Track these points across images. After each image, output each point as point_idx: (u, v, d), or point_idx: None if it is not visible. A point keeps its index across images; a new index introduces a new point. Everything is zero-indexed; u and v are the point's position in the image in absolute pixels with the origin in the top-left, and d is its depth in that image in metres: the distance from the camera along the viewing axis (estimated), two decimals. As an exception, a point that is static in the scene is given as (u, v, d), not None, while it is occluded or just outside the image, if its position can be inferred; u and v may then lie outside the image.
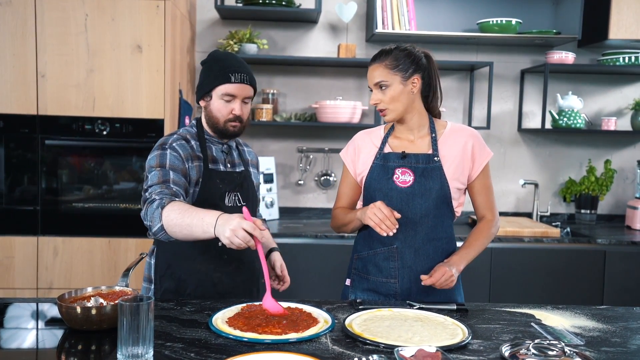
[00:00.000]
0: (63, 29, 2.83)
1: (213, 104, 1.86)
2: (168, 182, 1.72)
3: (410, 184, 1.84)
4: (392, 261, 1.86)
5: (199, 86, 1.90)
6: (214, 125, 1.88)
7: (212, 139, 1.93)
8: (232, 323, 1.50)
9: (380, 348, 1.37)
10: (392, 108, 1.82)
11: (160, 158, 1.78)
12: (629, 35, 3.37)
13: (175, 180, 1.74)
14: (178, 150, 1.81)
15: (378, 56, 1.85)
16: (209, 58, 1.91)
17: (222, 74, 1.83)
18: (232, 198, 1.90)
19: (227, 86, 1.83)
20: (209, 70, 1.87)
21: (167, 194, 1.67)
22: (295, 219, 3.58)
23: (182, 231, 1.58)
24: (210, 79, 1.85)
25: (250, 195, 1.97)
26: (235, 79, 1.83)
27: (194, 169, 1.83)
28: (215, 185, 1.86)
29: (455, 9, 3.62)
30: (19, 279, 2.91)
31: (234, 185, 1.91)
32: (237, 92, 1.84)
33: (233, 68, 1.84)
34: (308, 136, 3.73)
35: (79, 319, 1.47)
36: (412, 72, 1.82)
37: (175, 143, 1.83)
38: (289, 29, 3.67)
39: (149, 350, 1.26)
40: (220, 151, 1.94)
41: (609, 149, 3.84)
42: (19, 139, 2.88)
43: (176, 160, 1.78)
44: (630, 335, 1.54)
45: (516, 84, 3.78)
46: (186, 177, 1.80)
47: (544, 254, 3.16)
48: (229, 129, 1.87)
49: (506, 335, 1.51)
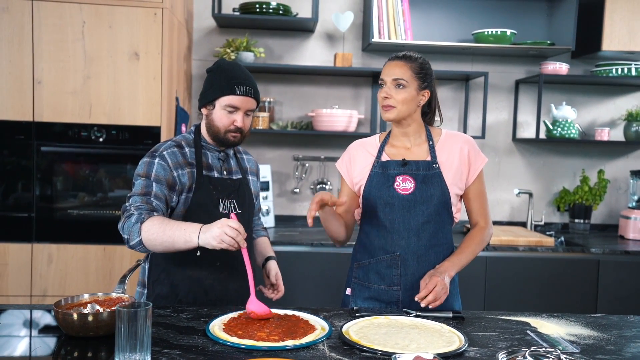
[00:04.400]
0: (60, 36, 2.84)
1: (215, 113, 1.86)
2: (149, 195, 1.76)
3: (411, 191, 1.85)
4: (394, 268, 1.87)
5: (202, 94, 1.90)
6: (214, 134, 1.88)
7: (209, 146, 1.93)
8: (229, 330, 1.50)
9: (378, 355, 1.37)
10: (399, 108, 1.84)
11: (147, 167, 1.81)
12: (621, 47, 3.41)
13: (157, 193, 1.77)
14: (167, 159, 1.82)
15: (405, 56, 1.87)
16: (215, 67, 1.90)
17: (228, 85, 1.83)
18: (227, 205, 1.90)
19: (231, 98, 1.83)
20: (214, 79, 1.86)
21: (146, 209, 1.72)
22: (291, 227, 3.58)
23: (163, 244, 1.66)
24: (214, 89, 1.85)
25: (246, 203, 1.97)
26: (240, 91, 1.83)
27: (186, 175, 1.84)
28: (208, 192, 1.86)
29: (451, 19, 3.66)
30: (13, 286, 2.89)
31: (229, 192, 1.91)
32: (241, 104, 1.84)
33: (239, 80, 1.84)
34: (304, 144, 3.74)
35: (75, 325, 1.47)
36: (427, 86, 1.87)
37: (166, 151, 1.83)
38: (285, 37, 3.69)
39: (147, 356, 1.26)
40: (217, 159, 1.94)
41: (602, 159, 3.87)
42: (15, 146, 2.88)
43: (162, 170, 1.80)
44: (624, 343, 1.55)
45: (511, 94, 3.81)
46: (172, 187, 1.81)
47: (538, 263, 3.18)
48: (229, 139, 1.88)
49: (502, 342, 1.52)
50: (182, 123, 3.17)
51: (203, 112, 1.91)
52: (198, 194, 1.84)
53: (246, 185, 2.00)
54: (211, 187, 1.87)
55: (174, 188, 1.81)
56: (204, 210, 1.84)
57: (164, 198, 1.78)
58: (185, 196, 1.84)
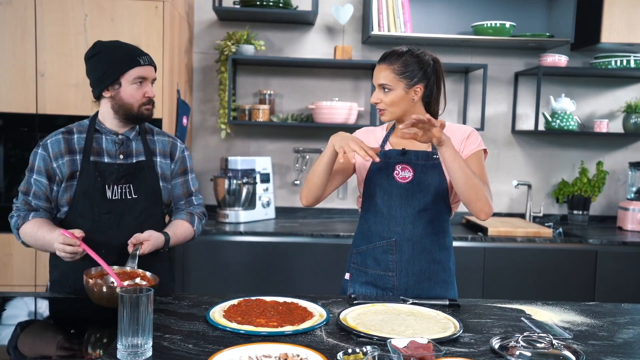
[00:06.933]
0: (63, 29, 2.86)
1: (124, 91, 1.84)
2: (28, 194, 1.87)
3: (409, 180, 1.88)
4: (390, 254, 1.90)
5: (100, 77, 1.84)
6: (126, 112, 1.86)
7: (105, 129, 1.90)
8: (229, 316, 1.53)
9: (374, 340, 1.40)
10: (390, 110, 1.86)
11: (32, 158, 1.89)
12: (620, 39, 3.42)
13: (36, 192, 1.87)
14: (49, 148, 1.87)
15: (389, 57, 1.86)
16: (100, 48, 1.85)
17: (130, 59, 1.83)
18: (119, 190, 1.88)
19: (137, 69, 1.83)
20: (109, 59, 1.83)
21: (24, 210, 1.87)
22: (292, 219, 3.61)
23: (38, 248, 1.86)
24: (115, 66, 1.82)
25: (147, 187, 1.92)
26: (143, 61, 1.85)
27: (65, 164, 1.85)
28: (93, 178, 1.85)
29: (450, 11, 3.67)
30: (17, 277, 2.93)
31: (118, 177, 1.88)
32: (147, 74, 1.87)
33: (137, 52, 1.87)
34: (304, 137, 3.77)
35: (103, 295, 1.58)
36: (417, 81, 1.85)
37: (49, 140, 1.88)
38: (286, 30, 3.71)
39: (148, 341, 1.29)
40: (113, 142, 1.90)
41: (601, 151, 3.89)
42: (18, 138, 2.91)
43: (42, 162, 1.86)
44: (617, 329, 1.58)
45: (510, 86, 3.83)
46: (51, 178, 1.86)
47: (536, 254, 3.21)
48: (144, 112, 1.88)
49: (497, 329, 1.55)
50: (183, 115, 3.20)
51: (105, 95, 1.86)
52: (81, 181, 1.85)
53: (149, 168, 1.93)
54: (96, 174, 1.86)
55: (53, 179, 1.86)
56: (88, 197, 1.85)
57: (43, 195, 1.87)
58: (69, 184, 1.86)
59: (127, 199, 1.89)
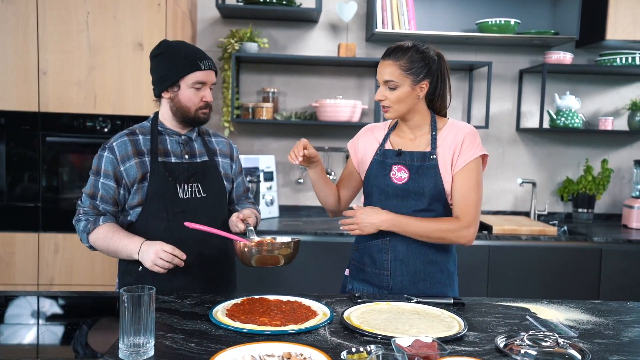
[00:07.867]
0: (65, 27, 2.86)
1: (182, 94, 1.84)
2: (96, 198, 1.84)
3: (405, 181, 1.86)
4: (384, 253, 1.89)
5: (160, 78, 1.85)
6: (184, 115, 1.86)
7: (168, 130, 1.91)
8: (232, 315, 1.52)
9: (378, 339, 1.39)
10: (395, 108, 1.83)
11: (97, 160, 1.85)
12: (626, 36, 3.39)
13: (103, 196, 1.83)
14: (115, 151, 1.83)
15: (394, 53, 1.81)
16: (164, 48, 1.86)
17: (191, 62, 1.82)
18: (190, 189, 1.88)
19: (197, 74, 1.82)
20: (171, 60, 1.83)
21: (93, 214, 1.84)
22: (295, 217, 3.60)
23: (110, 253, 1.82)
24: (176, 69, 1.82)
25: (214, 185, 1.95)
26: (204, 66, 1.83)
27: (134, 166, 1.83)
28: (164, 178, 1.84)
29: (455, 9, 3.65)
30: (20, 275, 2.93)
31: (188, 176, 1.89)
32: (207, 78, 1.85)
33: (199, 55, 1.85)
34: (308, 135, 3.75)
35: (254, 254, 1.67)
36: (423, 77, 1.81)
37: (115, 142, 1.85)
38: (289, 28, 3.70)
39: (150, 340, 1.28)
40: (177, 143, 1.92)
41: (606, 149, 3.86)
42: (20, 136, 2.90)
43: (110, 165, 1.82)
44: (622, 328, 1.57)
45: (515, 83, 3.81)
46: (119, 182, 1.83)
47: (541, 252, 3.19)
48: (200, 116, 1.88)
49: (501, 327, 1.53)
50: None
51: (164, 96, 1.87)
52: (153, 182, 1.84)
53: (213, 167, 1.96)
54: (167, 174, 1.85)
55: (120, 182, 1.83)
56: (161, 197, 1.83)
57: (110, 199, 1.84)
58: (140, 186, 1.83)
59: (197, 198, 1.90)
